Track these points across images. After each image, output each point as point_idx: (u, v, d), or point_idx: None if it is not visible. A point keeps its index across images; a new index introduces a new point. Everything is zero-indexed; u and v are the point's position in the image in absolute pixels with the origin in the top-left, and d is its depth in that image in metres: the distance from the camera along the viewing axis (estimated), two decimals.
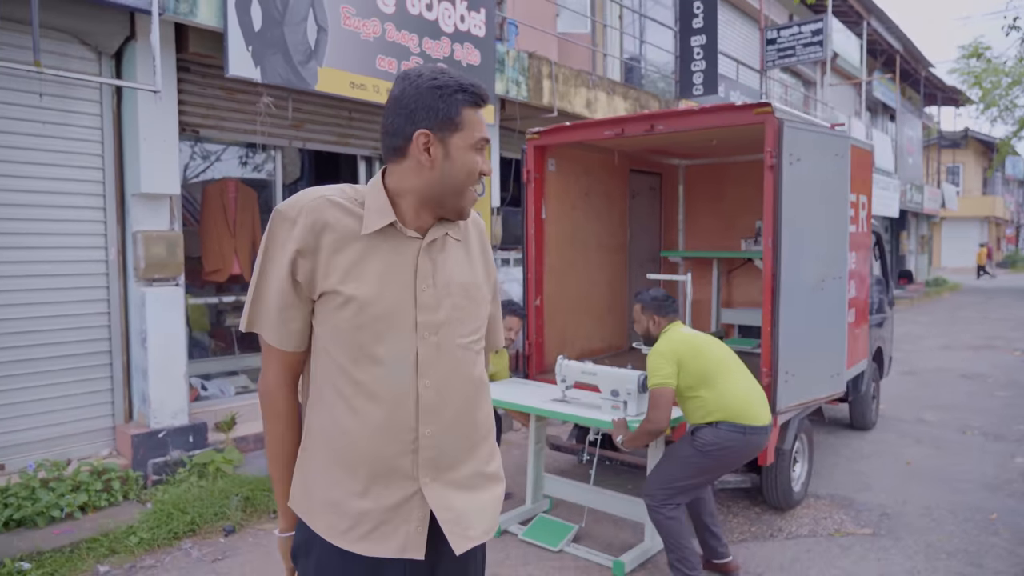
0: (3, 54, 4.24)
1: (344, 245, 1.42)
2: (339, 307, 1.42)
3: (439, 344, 1.47)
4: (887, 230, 22.60)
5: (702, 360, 3.43)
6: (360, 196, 1.48)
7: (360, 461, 1.43)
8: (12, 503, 3.97)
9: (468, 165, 1.46)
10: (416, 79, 1.43)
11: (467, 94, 1.43)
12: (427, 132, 1.42)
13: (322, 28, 5.27)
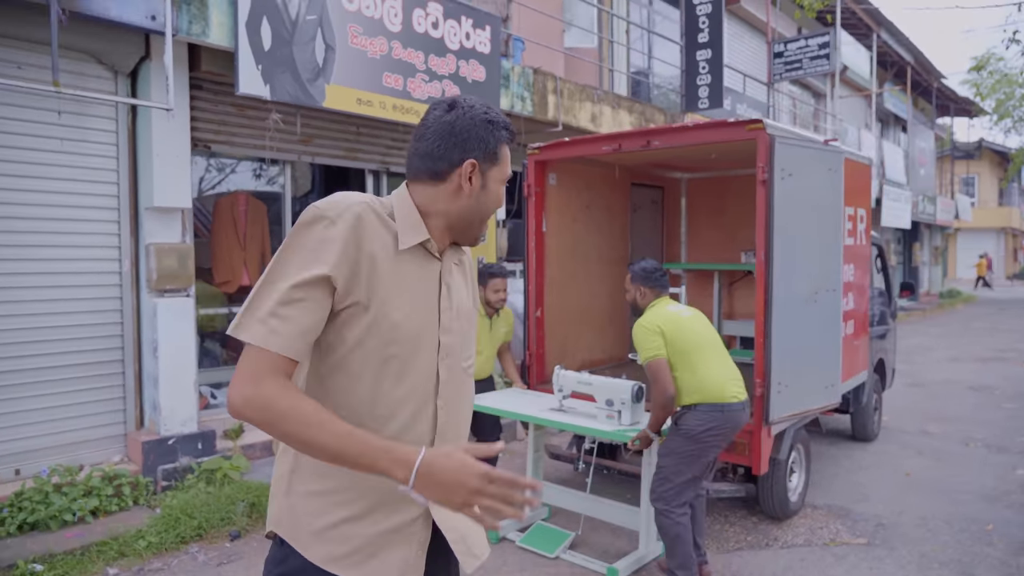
0: (24, 74, 4.42)
1: (381, 257, 1.38)
2: (370, 323, 1.36)
3: (451, 367, 1.49)
4: (899, 241, 22.51)
5: (682, 341, 3.51)
6: (387, 208, 1.45)
7: (368, 485, 1.37)
8: (26, 507, 4.11)
9: (498, 198, 1.51)
10: (469, 110, 1.45)
11: (508, 132, 1.49)
12: (475, 163, 1.45)
13: (330, 47, 5.43)
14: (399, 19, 5.92)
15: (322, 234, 1.32)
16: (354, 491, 1.39)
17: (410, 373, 1.41)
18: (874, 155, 17.31)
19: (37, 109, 4.54)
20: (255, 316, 1.29)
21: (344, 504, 1.39)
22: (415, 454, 1.25)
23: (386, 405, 1.39)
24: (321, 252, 1.31)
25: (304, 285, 1.29)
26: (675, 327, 3.54)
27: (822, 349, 4.43)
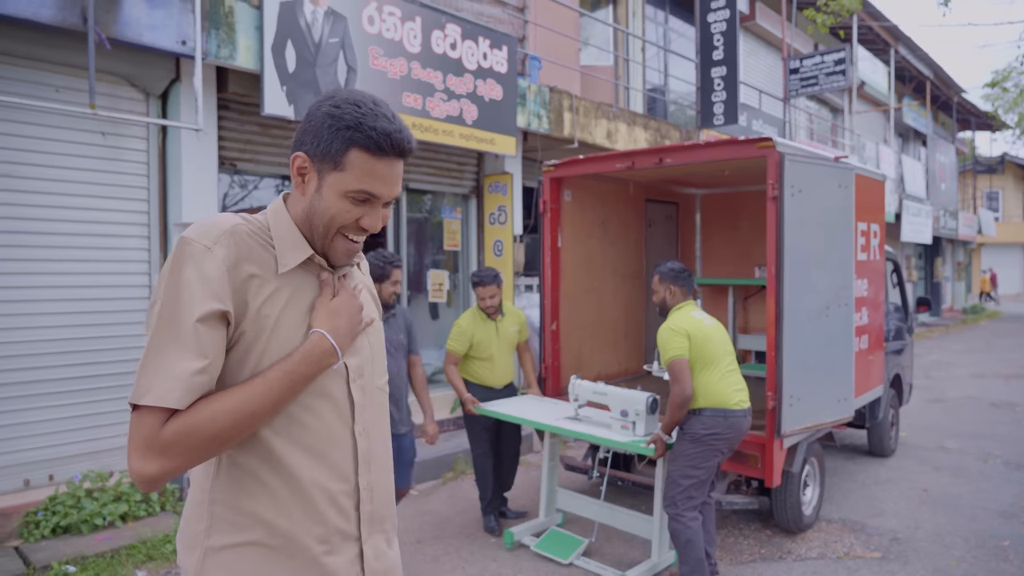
0: (62, 96, 4.63)
1: (264, 283, 1.25)
2: (261, 352, 1.23)
3: (365, 387, 1.37)
4: (920, 256, 22.32)
5: (703, 347, 3.66)
6: (264, 227, 1.30)
7: (303, 530, 1.26)
8: (60, 511, 4.26)
9: (332, 211, 1.26)
10: (324, 101, 1.27)
11: (361, 135, 1.22)
12: (303, 156, 1.27)
13: (351, 68, 5.61)
14: (418, 40, 6.09)
15: (198, 267, 1.18)
16: (295, 545, 1.26)
17: (320, 404, 1.28)
18: (893, 170, 17.25)
19: (72, 130, 4.74)
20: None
21: (287, 566, 1.25)
22: (318, 336, 1.26)
23: (301, 442, 1.26)
24: (206, 286, 1.17)
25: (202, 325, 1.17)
26: (700, 333, 3.69)
27: (834, 363, 4.48)
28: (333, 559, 1.29)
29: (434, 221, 7.62)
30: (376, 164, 1.25)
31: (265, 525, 1.24)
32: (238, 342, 1.22)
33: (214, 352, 1.17)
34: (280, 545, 1.25)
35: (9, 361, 4.47)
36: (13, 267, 4.50)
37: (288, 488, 1.25)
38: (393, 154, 1.25)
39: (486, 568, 4.13)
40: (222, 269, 1.19)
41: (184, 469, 1.16)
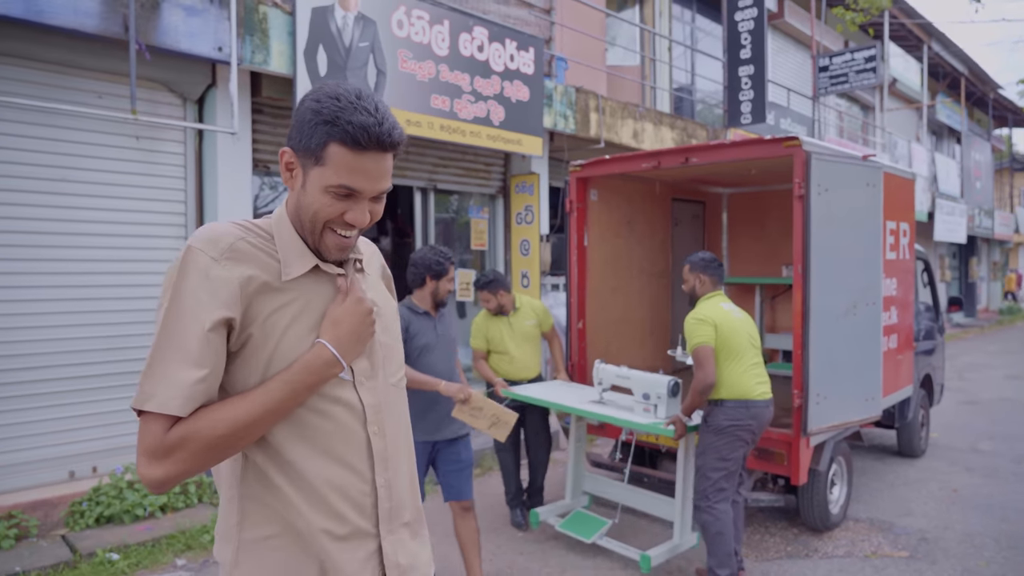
0: (104, 102, 4.81)
1: (274, 292, 1.27)
2: (268, 361, 1.25)
3: (376, 388, 1.38)
4: (955, 256, 21.91)
5: (729, 338, 3.71)
6: (268, 235, 1.32)
7: (322, 530, 1.29)
8: (103, 501, 4.43)
9: (316, 206, 1.26)
10: (310, 94, 1.26)
11: (338, 128, 1.20)
12: (289, 151, 1.27)
13: (381, 71, 5.72)
14: (446, 44, 6.19)
15: (203, 275, 1.20)
16: (309, 540, 1.29)
17: (330, 408, 1.30)
18: (925, 168, 16.98)
19: (114, 134, 4.91)
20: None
21: (304, 561, 1.30)
22: (320, 347, 1.27)
23: (317, 446, 1.29)
24: (213, 294, 1.20)
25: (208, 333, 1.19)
26: (727, 324, 3.73)
27: (862, 362, 4.47)
28: (348, 555, 1.31)
29: (461, 221, 7.72)
30: (355, 158, 1.22)
31: (283, 521, 1.28)
32: (245, 345, 1.24)
33: (214, 361, 1.20)
34: (296, 541, 1.29)
35: (55, 358, 4.65)
36: (60, 267, 4.68)
37: (296, 487, 1.27)
38: (373, 148, 1.22)
39: (514, 562, 4.20)
40: (227, 278, 1.21)
41: (190, 473, 1.19)
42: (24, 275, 4.54)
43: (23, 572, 3.80)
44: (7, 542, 4.04)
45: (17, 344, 4.52)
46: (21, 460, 4.52)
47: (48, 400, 4.63)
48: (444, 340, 3.59)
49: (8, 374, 4.48)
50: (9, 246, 4.48)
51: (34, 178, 4.57)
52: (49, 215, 4.63)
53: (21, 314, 4.53)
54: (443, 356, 3.57)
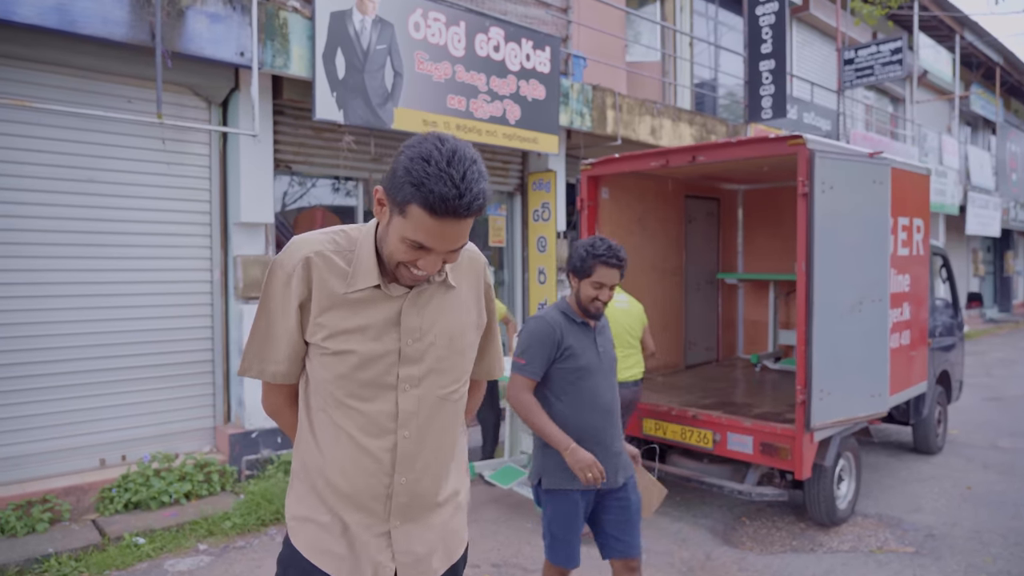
0: (133, 107, 5.03)
1: (331, 302, 1.47)
2: (325, 359, 1.48)
3: (420, 396, 1.51)
4: (989, 250, 21.44)
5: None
6: (352, 244, 1.50)
7: (339, 494, 1.51)
8: (131, 488, 4.66)
9: (392, 247, 1.41)
10: (410, 147, 1.37)
11: (420, 194, 1.31)
12: (382, 191, 1.42)
13: (398, 73, 5.87)
14: (462, 44, 6.31)
15: (283, 287, 1.48)
16: (332, 499, 1.53)
17: (366, 407, 1.48)
18: (957, 161, 16.66)
19: (142, 137, 5.13)
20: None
21: (322, 509, 1.54)
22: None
23: (348, 433, 1.50)
24: (290, 303, 1.48)
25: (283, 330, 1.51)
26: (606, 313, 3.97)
27: (868, 358, 4.50)
28: (364, 531, 1.53)
29: (480, 218, 7.85)
30: (433, 223, 1.33)
31: (313, 471, 1.56)
32: (309, 340, 1.51)
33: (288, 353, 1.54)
34: (320, 490, 1.54)
35: (87, 351, 4.89)
36: (91, 264, 4.92)
37: (336, 458, 1.52)
38: (449, 216, 1.32)
39: (520, 551, 4.33)
40: (296, 289, 1.47)
41: None
42: (57, 271, 4.78)
43: (56, 553, 4.03)
44: (42, 525, 4.28)
45: (52, 338, 4.76)
46: (55, 448, 4.77)
47: (80, 391, 4.88)
48: (607, 360, 2.84)
49: (44, 366, 4.73)
50: (42, 244, 4.73)
51: (66, 179, 4.81)
52: (80, 215, 4.87)
53: (56, 309, 4.78)
54: (607, 382, 2.81)
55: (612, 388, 2.80)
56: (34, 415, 4.71)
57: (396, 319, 1.49)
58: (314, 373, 1.52)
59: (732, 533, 4.65)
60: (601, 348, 2.80)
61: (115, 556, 4.09)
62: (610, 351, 2.87)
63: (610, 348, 2.87)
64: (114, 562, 4.05)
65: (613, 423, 2.78)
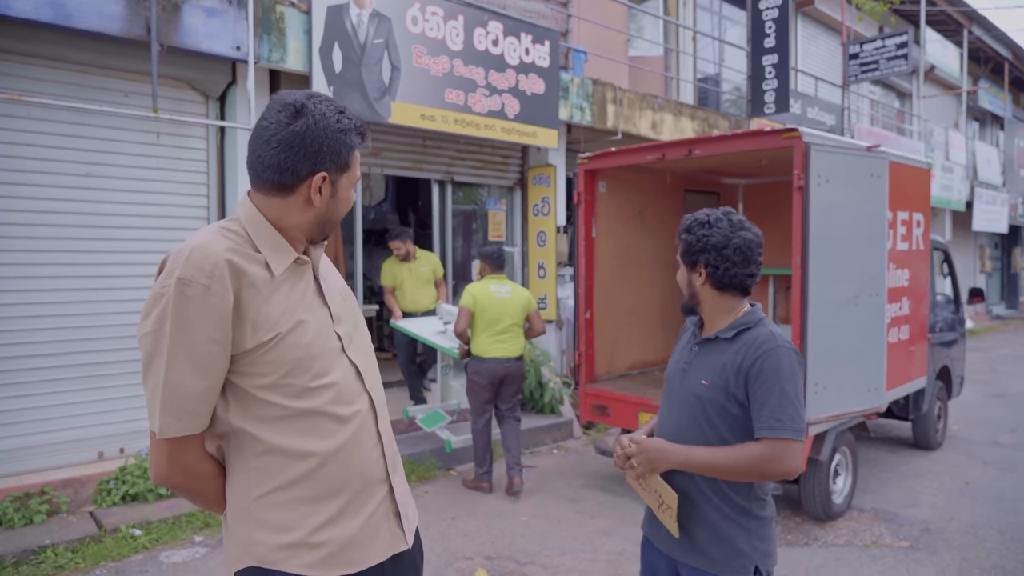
0: (130, 101, 5.04)
1: (265, 292, 1.38)
2: (273, 353, 1.36)
3: (359, 349, 1.53)
4: (996, 246, 21.29)
5: (483, 309, 5.02)
6: (243, 234, 1.41)
7: (340, 485, 1.42)
8: (128, 480, 4.68)
9: (349, 201, 1.49)
10: (321, 119, 1.36)
11: (359, 136, 1.44)
12: (326, 175, 1.40)
13: (395, 67, 5.86)
14: (460, 38, 6.30)
15: (201, 304, 1.29)
16: (329, 493, 1.42)
17: (333, 377, 1.43)
18: (964, 156, 16.55)
19: (140, 131, 5.14)
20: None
21: (321, 511, 1.41)
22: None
23: (326, 413, 1.42)
24: (213, 319, 1.30)
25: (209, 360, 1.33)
26: (484, 300, 5.04)
27: (864, 352, 4.48)
28: (366, 501, 1.47)
29: (480, 213, 7.85)
30: (359, 153, 1.48)
31: (299, 476, 1.43)
32: (246, 347, 1.35)
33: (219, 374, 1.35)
34: (312, 491, 1.43)
35: (85, 344, 4.92)
36: (87, 258, 4.94)
37: (325, 446, 1.43)
38: (365, 142, 1.50)
39: (513, 543, 4.33)
40: (223, 298, 1.30)
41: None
42: (54, 266, 4.81)
43: (53, 545, 4.05)
44: (39, 517, 4.31)
45: (49, 331, 4.79)
46: (54, 440, 4.81)
47: (78, 385, 4.91)
48: (687, 386, 2.00)
49: (41, 359, 4.76)
50: (39, 238, 4.75)
51: (63, 174, 4.83)
52: (77, 209, 4.89)
53: (53, 303, 4.80)
54: (677, 409, 2.02)
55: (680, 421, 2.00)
56: (32, 408, 4.75)
57: (313, 284, 1.49)
58: (257, 381, 1.36)
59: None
60: (690, 368, 2.01)
61: (112, 548, 4.12)
62: (694, 381, 1.97)
63: (698, 377, 1.97)
64: (110, 553, 4.08)
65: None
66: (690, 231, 1.98)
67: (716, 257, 1.92)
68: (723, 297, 1.96)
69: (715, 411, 1.89)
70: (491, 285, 5.07)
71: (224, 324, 1.31)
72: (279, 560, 1.38)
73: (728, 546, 1.87)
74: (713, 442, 1.88)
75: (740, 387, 1.85)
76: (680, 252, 2.00)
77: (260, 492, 1.39)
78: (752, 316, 1.95)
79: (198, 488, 1.43)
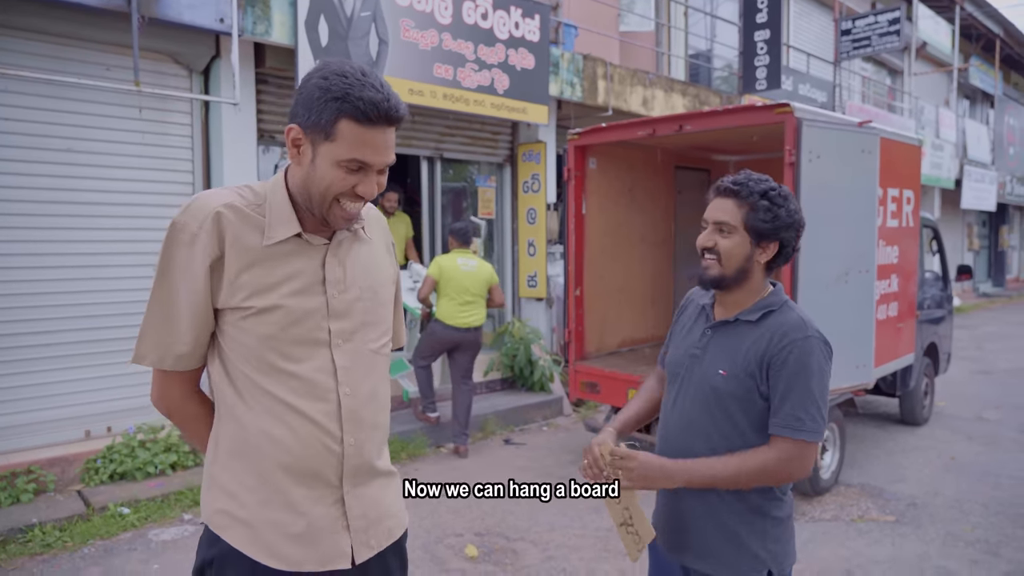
0: (112, 75, 4.93)
1: (250, 258, 1.35)
2: (245, 321, 1.36)
3: (354, 351, 1.44)
4: (984, 224, 21.41)
5: (448, 280, 5.45)
6: (261, 198, 1.40)
7: (286, 473, 1.39)
8: (116, 459, 4.66)
9: (327, 180, 1.32)
10: (316, 72, 1.31)
11: (349, 104, 1.26)
12: (297, 128, 1.32)
13: (383, 41, 5.76)
14: (449, 12, 6.20)
15: (188, 250, 1.33)
16: (275, 478, 1.39)
17: (301, 367, 1.38)
18: (954, 134, 16.54)
19: (123, 106, 5.04)
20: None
21: (265, 493, 1.39)
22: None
23: (286, 401, 1.38)
24: (196, 267, 1.33)
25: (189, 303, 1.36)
26: (450, 270, 5.46)
27: (853, 329, 4.49)
28: (314, 504, 1.41)
29: (469, 190, 7.78)
30: (365, 133, 1.28)
31: (250, 450, 1.41)
32: (226, 304, 1.36)
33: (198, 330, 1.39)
34: (261, 470, 1.40)
35: (70, 322, 4.86)
36: (72, 235, 4.86)
37: (277, 431, 1.38)
38: (382, 123, 1.29)
39: (504, 520, 4.35)
40: (204, 250, 1.33)
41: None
42: (37, 243, 4.73)
43: (40, 523, 4.04)
44: (26, 496, 4.29)
45: (34, 309, 4.73)
46: (40, 419, 4.76)
47: (65, 363, 4.85)
48: (699, 374, 1.80)
49: (27, 337, 4.70)
50: (21, 215, 4.67)
51: (42, 148, 4.73)
52: (58, 185, 4.80)
53: (36, 280, 4.73)
54: (687, 399, 1.82)
55: (696, 420, 1.80)
56: (18, 387, 4.69)
57: (320, 271, 1.41)
58: (235, 342, 1.37)
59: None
60: (706, 354, 1.79)
61: (99, 526, 4.10)
62: (709, 368, 1.77)
63: (715, 364, 1.76)
64: (98, 532, 4.06)
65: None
66: (778, 202, 1.69)
67: (795, 236, 1.72)
68: (766, 276, 1.76)
69: (736, 404, 1.69)
70: (458, 259, 5.48)
71: (204, 274, 1.34)
72: (221, 525, 1.41)
73: (741, 549, 1.71)
74: (732, 438, 1.70)
75: (763, 378, 1.67)
76: (751, 220, 1.69)
77: (219, 452, 1.43)
78: (777, 297, 1.76)
79: (181, 424, 1.51)
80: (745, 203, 1.70)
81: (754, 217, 1.69)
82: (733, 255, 1.71)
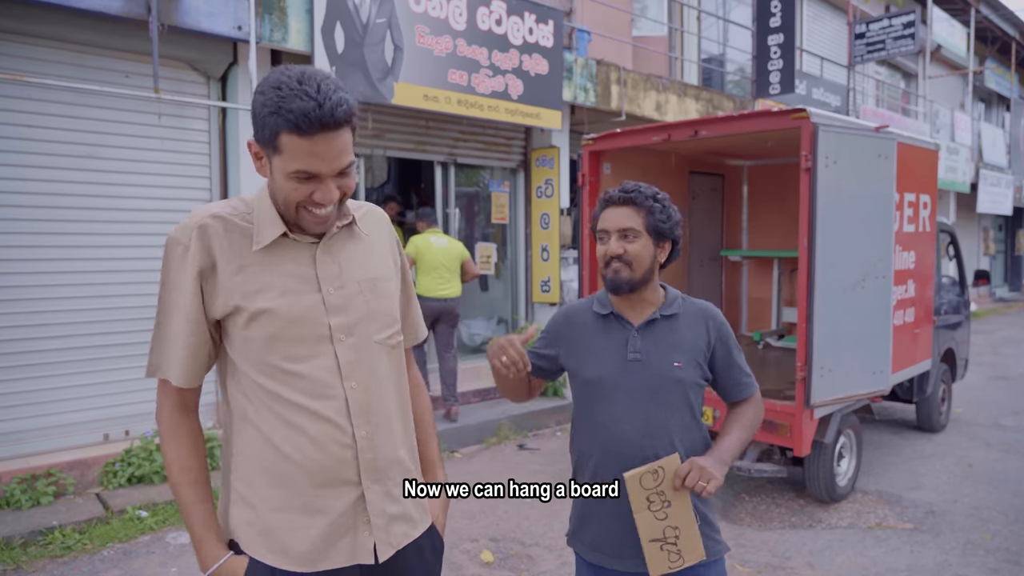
0: (131, 82, 4.99)
1: (241, 263, 1.39)
2: (246, 327, 1.38)
3: (357, 345, 1.45)
4: (1000, 228, 21.21)
5: (424, 256, 6.00)
6: (250, 207, 1.44)
7: (303, 476, 1.39)
8: (134, 463, 4.70)
9: (285, 191, 1.34)
10: (259, 86, 1.31)
11: (282, 118, 1.25)
12: (254, 142, 1.35)
13: (398, 47, 5.80)
14: (464, 18, 6.23)
15: (180, 263, 1.38)
16: (295, 483, 1.40)
17: (304, 367, 1.39)
18: (969, 138, 16.42)
19: (142, 112, 5.10)
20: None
21: (288, 499, 1.40)
22: (213, 561, 1.39)
23: (294, 402, 1.39)
24: (188, 280, 1.38)
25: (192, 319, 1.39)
26: (425, 248, 6.03)
27: (870, 335, 4.46)
28: (331, 501, 1.41)
29: (483, 195, 7.80)
30: (306, 143, 1.26)
31: (267, 459, 1.42)
32: (223, 313, 1.39)
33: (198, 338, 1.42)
34: (281, 478, 1.41)
35: (89, 327, 4.92)
36: (91, 240, 4.92)
37: (290, 435, 1.40)
38: (318, 130, 1.25)
39: (519, 525, 4.35)
40: (194, 261, 1.37)
41: None
42: (58, 248, 4.79)
43: (60, 526, 4.08)
44: (46, 498, 4.34)
45: (55, 314, 4.78)
46: (60, 423, 4.81)
47: (83, 367, 4.91)
48: (650, 374, 1.80)
49: (46, 342, 4.76)
50: (43, 220, 4.73)
51: (64, 155, 4.79)
52: (80, 191, 4.86)
53: (56, 285, 4.79)
54: (639, 403, 1.80)
55: (645, 418, 1.79)
56: (38, 391, 4.75)
57: (312, 268, 1.43)
58: (241, 350, 1.40)
59: (731, 509, 4.65)
60: (638, 358, 1.81)
61: (118, 529, 4.14)
62: (660, 368, 1.80)
63: (666, 362, 1.80)
64: (117, 535, 4.10)
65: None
66: (666, 203, 1.82)
67: (680, 235, 1.85)
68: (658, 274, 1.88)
69: (693, 391, 1.82)
70: (431, 237, 6.09)
71: (194, 286, 1.37)
72: (244, 539, 1.41)
73: (713, 527, 1.85)
74: (689, 424, 1.81)
75: (707, 359, 1.85)
76: (651, 223, 1.78)
77: (234, 463, 1.46)
78: (674, 291, 1.91)
79: (163, 443, 1.47)
80: (642, 208, 1.79)
81: (653, 219, 1.79)
82: (642, 257, 1.79)
